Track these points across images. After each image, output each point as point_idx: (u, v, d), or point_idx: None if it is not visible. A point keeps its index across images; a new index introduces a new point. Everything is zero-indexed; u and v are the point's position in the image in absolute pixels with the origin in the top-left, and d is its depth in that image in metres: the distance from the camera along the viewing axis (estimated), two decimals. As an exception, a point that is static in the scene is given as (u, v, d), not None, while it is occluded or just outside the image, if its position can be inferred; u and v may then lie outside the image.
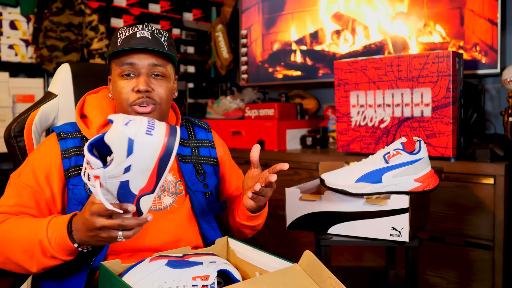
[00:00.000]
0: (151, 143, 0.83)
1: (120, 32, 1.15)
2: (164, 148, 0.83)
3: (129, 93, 1.12)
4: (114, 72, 1.16)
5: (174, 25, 3.38)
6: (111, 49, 1.15)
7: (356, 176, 1.35)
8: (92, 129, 1.16)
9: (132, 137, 0.81)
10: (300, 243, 2.38)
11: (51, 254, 0.97)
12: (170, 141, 0.84)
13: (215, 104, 3.01)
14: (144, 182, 0.86)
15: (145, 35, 1.13)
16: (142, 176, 0.85)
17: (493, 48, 2.15)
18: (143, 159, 0.83)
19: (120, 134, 0.81)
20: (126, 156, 0.82)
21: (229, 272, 0.99)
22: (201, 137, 1.32)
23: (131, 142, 0.81)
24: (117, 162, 0.82)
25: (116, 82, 1.14)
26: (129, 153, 0.82)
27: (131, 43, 1.12)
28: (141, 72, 1.13)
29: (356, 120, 2.12)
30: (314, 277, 0.92)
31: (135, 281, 0.92)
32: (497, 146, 1.88)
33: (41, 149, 1.16)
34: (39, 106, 1.33)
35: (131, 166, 0.83)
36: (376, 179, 1.34)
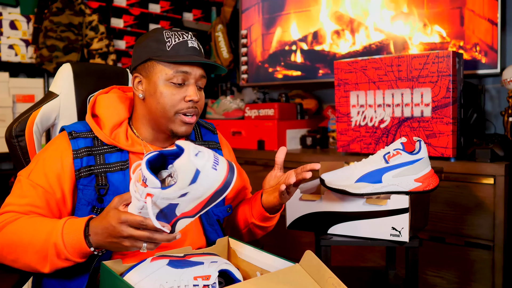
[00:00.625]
0: (214, 177, 0.87)
1: (167, 35, 1.13)
2: (222, 183, 0.88)
3: (179, 101, 1.13)
4: (160, 75, 1.12)
5: (174, 25, 3.38)
6: (154, 52, 1.12)
7: (356, 176, 1.35)
8: (105, 130, 1.15)
9: (199, 168, 0.85)
10: (300, 243, 2.38)
11: (66, 256, 0.98)
12: (229, 178, 0.89)
13: (215, 104, 3.01)
14: (190, 208, 0.89)
15: (194, 45, 1.15)
16: (192, 203, 0.89)
17: (493, 48, 2.16)
18: (202, 189, 0.87)
19: (190, 164, 0.85)
20: (188, 184, 0.86)
21: (230, 272, 0.99)
22: (207, 139, 1.32)
23: (198, 173, 0.85)
24: (178, 188, 0.86)
25: (162, 87, 1.12)
26: (192, 182, 0.86)
27: (185, 52, 1.13)
28: (191, 81, 1.14)
29: (356, 120, 2.12)
30: (315, 277, 0.92)
31: (136, 281, 0.92)
32: (497, 146, 1.88)
33: (52, 148, 1.15)
34: (40, 106, 1.33)
35: (189, 193, 0.87)
36: (376, 179, 1.34)
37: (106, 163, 1.13)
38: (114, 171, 1.13)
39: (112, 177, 1.13)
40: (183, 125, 1.15)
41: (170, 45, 1.12)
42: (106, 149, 1.15)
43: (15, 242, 1.02)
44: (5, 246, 1.04)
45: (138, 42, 1.18)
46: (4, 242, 1.03)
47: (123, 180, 1.13)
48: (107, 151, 1.15)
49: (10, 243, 1.03)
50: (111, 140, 1.15)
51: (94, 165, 1.12)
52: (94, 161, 1.13)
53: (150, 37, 1.15)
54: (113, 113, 1.19)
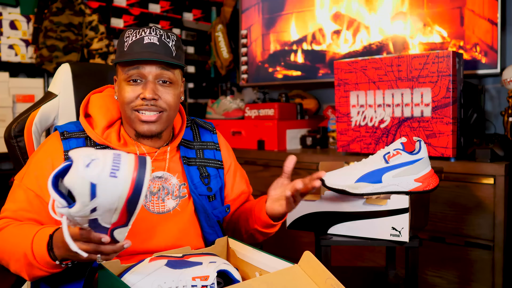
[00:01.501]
0: (116, 186, 0.76)
1: (127, 35, 1.13)
2: (132, 188, 0.77)
3: (134, 98, 1.11)
4: (120, 76, 1.14)
5: (174, 25, 3.38)
6: (117, 53, 1.14)
7: (356, 176, 1.35)
8: (97, 130, 1.15)
9: (94, 181, 0.75)
10: (300, 243, 2.38)
11: (38, 267, 0.97)
12: (139, 177, 0.77)
13: (215, 104, 3.01)
14: (115, 219, 0.81)
15: (153, 40, 1.11)
16: (112, 215, 0.80)
17: (493, 48, 2.15)
18: (109, 201, 0.77)
19: (81, 178, 0.74)
20: (90, 200, 0.76)
21: (229, 273, 0.99)
22: (206, 139, 1.31)
23: (93, 186, 0.75)
24: (82, 205, 0.77)
25: (121, 86, 1.13)
26: (92, 197, 0.76)
27: (138, 50, 1.10)
28: (148, 79, 1.11)
29: (356, 120, 2.12)
30: (314, 277, 0.92)
31: (134, 281, 0.92)
32: (497, 146, 1.88)
33: (43, 149, 1.15)
34: (39, 106, 1.33)
35: (97, 207, 0.77)
36: (376, 179, 1.33)
37: None
38: None
39: None
40: (142, 123, 1.12)
41: (127, 45, 1.11)
42: (99, 149, 1.14)
43: (4, 249, 1.04)
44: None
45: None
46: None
47: None
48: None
49: (1, 250, 1.04)
50: (103, 140, 1.14)
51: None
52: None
53: (119, 38, 1.16)
54: (105, 113, 1.18)
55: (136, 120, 1.12)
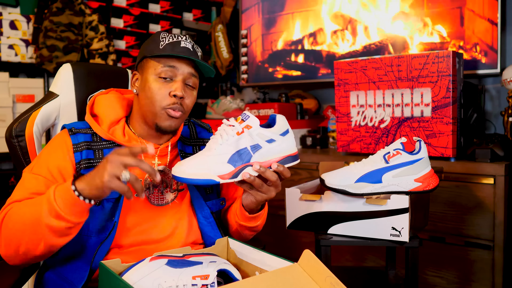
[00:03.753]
0: (292, 143, 1.10)
1: (162, 36, 1.18)
2: (295, 153, 1.11)
3: (165, 96, 1.15)
4: (150, 70, 1.17)
5: (174, 25, 3.38)
6: (149, 51, 1.17)
7: (356, 176, 1.35)
8: (103, 126, 1.19)
9: (289, 130, 1.09)
10: (300, 243, 2.38)
11: (56, 211, 0.96)
12: (297, 155, 1.12)
13: (215, 104, 3.01)
14: (264, 159, 1.06)
15: (188, 46, 1.17)
16: (269, 156, 1.07)
17: (493, 48, 2.16)
18: (283, 146, 1.07)
19: (285, 122, 1.10)
20: (279, 134, 1.07)
21: (229, 272, 0.99)
22: (203, 136, 1.36)
23: (288, 131, 1.09)
24: (273, 132, 1.07)
25: (151, 82, 1.16)
26: (282, 134, 1.07)
27: (177, 50, 1.15)
28: (178, 78, 1.17)
29: (356, 120, 2.12)
30: (314, 276, 0.92)
31: (135, 280, 0.93)
32: (497, 146, 1.88)
33: (53, 144, 1.18)
34: (40, 106, 1.33)
35: (274, 142, 1.06)
36: (376, 179, 1.34)
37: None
38: None
39: None
40: (167, 119, 1.17)
41: (163, 44, 1.16)
42: (105, 145, 1.19)
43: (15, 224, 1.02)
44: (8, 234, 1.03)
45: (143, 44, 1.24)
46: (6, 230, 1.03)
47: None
48: (106, 147, 1.18)
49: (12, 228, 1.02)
50: (109, 135, 1.18)
51: (93, 159, 1.16)
52: (93, 155, 1.16)
53: (149, 39, 1.21)
54: (111, 111, 1.23)
55: (163, 116, 1.16)
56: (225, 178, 1.04)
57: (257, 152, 1.05)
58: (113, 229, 1.11)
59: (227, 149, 1.04)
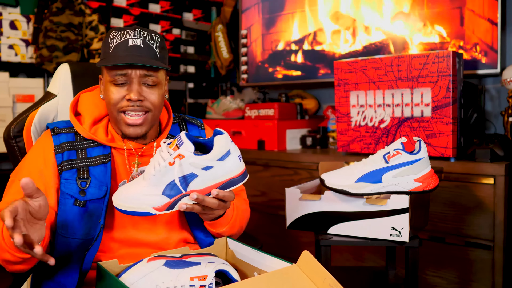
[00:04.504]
0: (236, 164, 0.99)
1: (111, 37, 1.13)
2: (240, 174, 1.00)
3: (120, 100, 1.13)
4: (105, 77, 1.15)
5: (174, 25, 3.38)
6: (102, 55, 1.15)
7: (356, 176, 1.35)
8: (84, 125, 1.18)
9: (231, 151, 0.98)
10: (300, 243, 2.38)
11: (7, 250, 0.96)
12: (245, 174, 1.01)
13: (215, 104, 3.01)
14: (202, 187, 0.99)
15: (137, 43, 1.12)
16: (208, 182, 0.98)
17: (493, 48, 2.15)
18: (223, 170, 0.98)
19: (227, 143, 0.98)
20: (217, 159, 0.96)
21: (228, 273, 0.99)
22: (194, 134, 1.32)
23: (228, 153, 0.98)
24: (209, 158, 0.97)
25: (107, 87, 1.14)
26: (220, 159, 0.97)
27: (123, 53, 1.11)
28: (133, 81, 1.12)
29: (356, 120, 2.11)
30: (312, 277, 0.92)
31: (132, 281, 0.92)
32: (497, 146, 1.88)
33: (35, 146, 1.19)
34: (38, 106, 1.33)
35: (212, 168, 0.97)
36: (376, 179, 1.33)
37: (88, 157, 1.16)
38: (96, 164, 1.15)
39: (94, 170, 1.14)
40: (128, 126, 1.14)
41: (111, 47, 1.12)
42: (88, 144, 1.17)
43: None
44: None
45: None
46: None
47: (105, 173, 1.15)
48: (89, 146, 1.17)
49: None
50: (90, 135, 1.17)
51: (76, 159, 1.15)
52: (76, 155, 1.15)
53: (104, 39, 1.17)
54: (94, 109, 1.21)
55: (122, 123, 1.15)
56: (160, 210, 0.99)
57: (193, 181, 0.97)
58: (100, 231, 1.10)
59: (160, 180, 0.98)
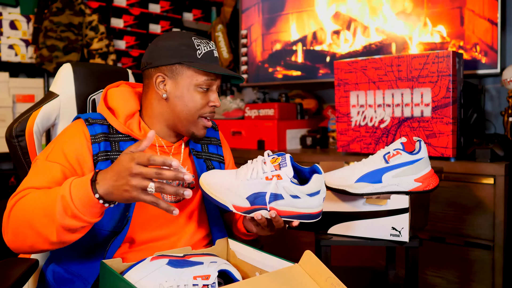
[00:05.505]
0: (318, 205, 1.07)
1: (197, 43, 1.18)
2: (316, 213, 1.07)
3: (204, 105, 1.19)
4: (188, 79, 1.17)
5: (174, 25, 3.38)
6: (188, 57, 1.16)
7: (356, 176, 1.35)
8: (119, 119, 1.18)
9: (321, 191, 1.07)
10: (300, 243, 2.38)
11: (72, 211, 0.93)
12: (319, 214, 1.08)
13: (215, 104, 3.01)
14: (282, 209, 1.06)
15: (216, 55, 1.21)
16: (288, 208, 1.05)
17: (493, 48, 2.16)
18: (307, 204, 1.05)
19: (323, 183, 1.06)
20: (306, 194, 1.04)
21: (230, 272, 0.99)
22: (209, 135, 1.37)
23: (318, 192, 1.06)
24: (302, 190, 1.03)
25: (191, 91, 1.17)
26: (311, 195, 1.04)
27: (213, 62, 1.19)
28: (214, 88, 1.20)
29: (356, 120, 2.12)
30: (315, 277, 0.92)
31: (136, 280, 0.93)
32: (497, 146, 1.88)
33: (69, 132, 1.16)
34: (40, 106, 1.33)
35: (300, 199, 1.04)
36: (376, 179, 1.34)
37: (121, 150, 1.15)
38: None
39: None
40: (203, 128, 1.21)
41: (200, 53, 1.17)
42: (121, 137, 1.18)
43: (26, 215, 0.99)
44: (17, 224, 1.00)
45: (163, 42, 1.19)
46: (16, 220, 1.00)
47: None
48: (122, 139, 1.17)
49: (22, 219, 0.99)
50: (126, 129, 1.17)
51: (111, 151, 1.15)
52: (110, 147, 1.15)
53: (178, 41, 1.17)
54: (126, 105, 1.21)
55: (199, 126, 1.20)
56: (238, 210, 1.07)
57: (278, 201, 1.05)
58: (126, 223, 1.11)
59: (251, 187, 1.05)
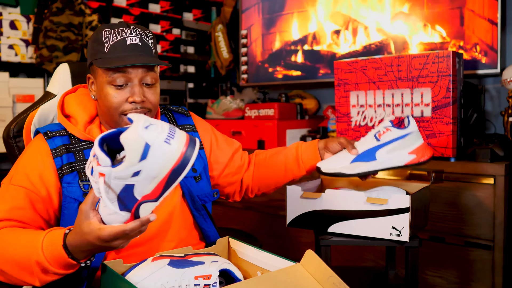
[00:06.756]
0: (167, 152, 0.78)
1: (105, 35, 1.09)
2: (180, 159, 0.79)
3: (122, 103, 1.11)
4: (101, 78, 1.11)
5: (174, 25, 3.38)
6: (96, 54, 1.11)
7: (350, 158, 1.32)
8: (78, 126, 1.15)
9: (149, 142, 0.77)
10: (299, 243, 2.38)
11: (53, 271, 0.94)
12: (188, 153, 0.79)
13: (215, 104, 3.01)
14: (150, 190, 0.81)
15: (135, 41, 1.09)
16: (150, 184, 0.81)
17: (493, 48, 2.16)
18: (155, 167, 0.79)
19: (138, 137, 0.77)
20: (138, 161, 0.78)
21: (231, 272, 0.99)
22: (182, 123, 1.32)
23: (147, 147, 0.77)
24: (128, 165, 0.79)
25: (105, 90, 1.11)
26: (142, 158, 0.78)
27: (122, 53, 1.08)
28: (134, 81, 1.10)
29: (356, 120, 2.12)
30: (316, 276, 0.92)
31: (137, 281, 0.92)
32: (497, 146, 1.88)
33: (29, 151, 1.13)
34: (38, 106, 1.33)
35: (141, 171, 0.79)
36: (371, 157, 1.31)
37: (87, 159, 1.12)
38: None
39: None
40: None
41: (108, 46, 1.09)
42: (84, 145, 1.14)
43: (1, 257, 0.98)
44: None
45: (88, 41, 1.16)
46: None
47: None
48: (85, 147, 1.14)
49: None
50: (86, 135, 1.14)
51: (75, 162, 1.12)
52: (74, 158, 1.12)
53: (92, 37, 1.13)
54: (83, 111, 1.18)
55: (123, 123, 1.12)
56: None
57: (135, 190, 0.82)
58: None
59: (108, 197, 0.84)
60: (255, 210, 2.51)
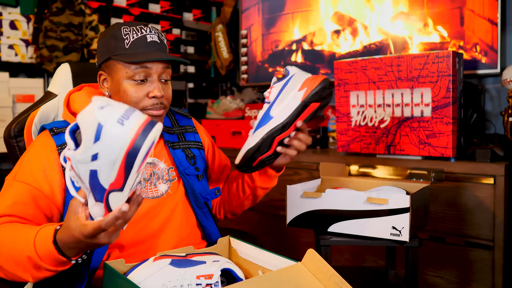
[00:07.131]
0: (119, 134, 0.74)
1: (125, 32, 1.11)
2: (133, 141, 0.74)
3: (143, 98, 1.12)
4: (120, 73, 1.12)
5: (174, 25, 3.38)
6: (116, 49, 1.11)
7: (252, 131, 1.24)
8: None
9: (102, 122, 0.74)
10: (299, 243, 2.38)
11: (45, 267, 0.93)
12: (141, 136, 0.74)
13: (215, 104, 3.01)
14: (113, 177, 0.78)
15: (154, 38, 1.13)
16: (110, 169, 0.77)
17: (493, 48, 2.16)
18: (110, 149, 0.75)
19: (91, 117, 0.75)
20: (93, 142, 0.75)
21: (232, 271, 0.99)
22: (183, 124, 1.34)
23: (100, 128, 0.74)
24: (85, 147, 0.76)
25: (123, 85, 1.12)
26: (96, 139, 0.75)
27: (144, 49, 1.11)
28: (153, 77, 1.12)
29: (356, 120, 2.12)
30: (318, 275, 0.92)
31: (139, 280, 0.93)
32: (497, 146, 1.89)
33: (35, 147, 1.13)
34: (39, 106, 1.33)
35: (98, 154, 0.76)
36: (267, 119, 1.22)
37: None
38: None
39: None
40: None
41: (128, 42, 1.11)
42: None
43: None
44: None
45: (100, 39, 1.17)
46: None
47: None
48: None
49: None
50: None
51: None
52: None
53: (109, 34, 1.14)
54: None
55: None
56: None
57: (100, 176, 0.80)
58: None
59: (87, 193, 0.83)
60: (255, 210, 2.51)
